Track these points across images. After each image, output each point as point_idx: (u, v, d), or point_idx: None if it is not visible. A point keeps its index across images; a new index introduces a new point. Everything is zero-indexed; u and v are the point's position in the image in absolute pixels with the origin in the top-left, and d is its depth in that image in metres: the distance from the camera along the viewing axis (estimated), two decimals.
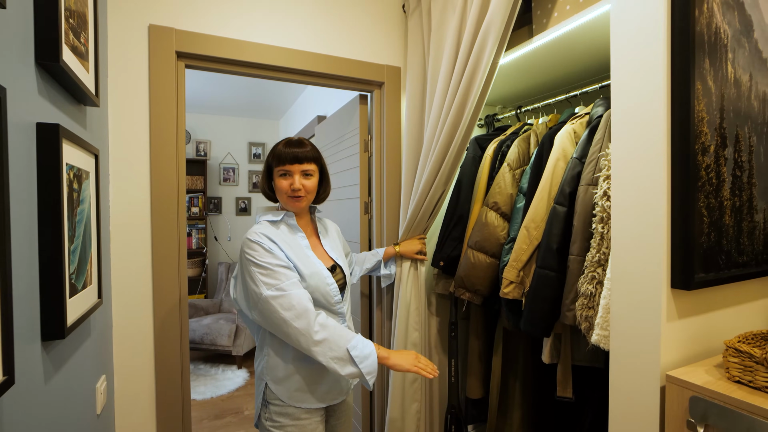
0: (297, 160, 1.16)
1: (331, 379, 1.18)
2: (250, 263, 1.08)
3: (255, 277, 1.07)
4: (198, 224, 4.38)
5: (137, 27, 1.35)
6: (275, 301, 1.04)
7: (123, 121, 1.34)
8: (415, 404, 1.66)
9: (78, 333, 0.94)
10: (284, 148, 1.18)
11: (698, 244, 0.80)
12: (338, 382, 1.20)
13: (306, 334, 1.03)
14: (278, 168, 1.17)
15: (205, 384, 3.19)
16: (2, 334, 0.54)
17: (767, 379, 0.69)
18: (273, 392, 1.14)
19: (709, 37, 0.81)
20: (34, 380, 0.69)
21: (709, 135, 0.81)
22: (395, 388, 1.63)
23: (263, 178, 1.25)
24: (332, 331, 1.06)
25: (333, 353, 1.04)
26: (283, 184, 1.17)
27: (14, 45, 0.64)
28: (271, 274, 1.06)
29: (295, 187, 1.16)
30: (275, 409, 1.14)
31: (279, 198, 1.22)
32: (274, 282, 1.05)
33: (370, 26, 1.76)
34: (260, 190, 1.27)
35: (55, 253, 0.73)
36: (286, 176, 1.18)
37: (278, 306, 1.04)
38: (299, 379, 1.14)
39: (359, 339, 1.09)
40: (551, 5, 1.24)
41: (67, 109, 0.88)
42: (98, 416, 1.11)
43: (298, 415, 1.14)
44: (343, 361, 1.05)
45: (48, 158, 0.72)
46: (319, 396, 1.17)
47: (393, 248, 1.64)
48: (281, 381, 1.14)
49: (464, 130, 1.41)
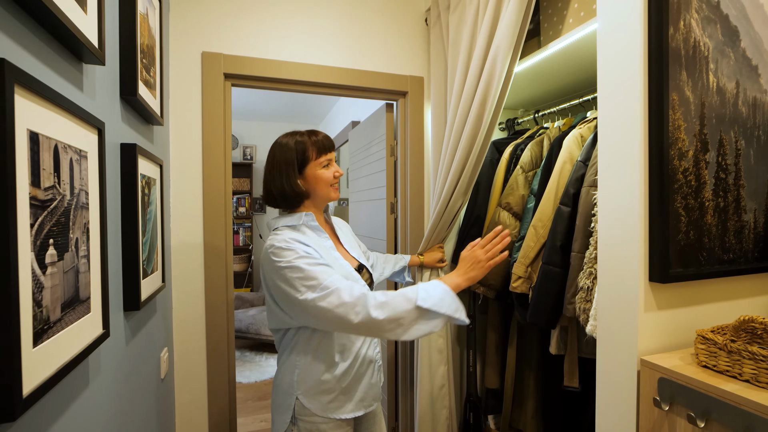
0: (334, 146, 1.14)
1: (365, 385, 1.12)
2: (284, 270, 0.97)
3: (294, 283, 0.96)
4: (245, 223, 4.74)
5: (193, 55, 1.59)
6: (324, 300, 0.94)
7: (181, 135, 1.58)
8: (444, 411, 1.70)
9: (148, 309, 1.17)
10: (320, 138, 1.11)
11: (675, 242, 0.87)
12: (371, 387, 1.14)
13: (370, 323, 0.93)
14: (322, 158, 1.10)
15: (250, 369, 3.49)
16: (102, 303, 0.75)
17: (728, 363, 0.76)
18: (306, 407, 1.05)
19: (687, 51, 0.88)
20: (120, 340, 0.91)
21: (687, 141, 0.88)
22: (423, 397, 1.68)
23: (291, 175, 1.08)
24: (393, 304, 0.94)
25: (408, 322, 0.93)
26: (327, 175, 1.11)
27: (108, 87, 0.85)
28: (311, 274, 0.96)
29: (338, 173, 1.13)
30: (305, 426, 1.05)
31: (319, 191, 1.12)
32: (316, 283, 0.95)
33: (395, 39, 1.90)
34: (278, 192, 1.10)
35: (133, 243, 0.94)
36: (328, 166, 1.12)
37: (328, 305, 0.93)
38: (335, 389, 1.06)
39: (421, 288, 0.97)
40: (557, 18, 1.33)
41: (140, 130, 1.11)
42: (162, 380, 1.34)
43: (330, 429, 1.06)
44: (423, 320, 0.94)
45: (128, 170, 0.94)
46: (354, 404, 1.10)
47: (417, 258, 1.66)
48: (316, 393, 1.05)
49: (479, 148, 1.48)
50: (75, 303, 0.63)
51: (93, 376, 0.75)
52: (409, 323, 0.94)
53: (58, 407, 0.61)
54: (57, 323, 0.57)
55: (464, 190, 1.60)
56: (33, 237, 0.51)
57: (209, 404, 1.63)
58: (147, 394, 1.14)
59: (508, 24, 1.29)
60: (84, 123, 0.68)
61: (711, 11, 0.90)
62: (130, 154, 0.94)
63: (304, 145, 1.10)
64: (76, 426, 0.67)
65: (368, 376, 1.14)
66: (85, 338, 0.67)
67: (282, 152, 1.09)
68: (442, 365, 1.73)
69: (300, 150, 1.10)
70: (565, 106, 1.63)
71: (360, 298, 0.94)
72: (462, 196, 1.62)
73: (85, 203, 0.67)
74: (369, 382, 1.14)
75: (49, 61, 0.60)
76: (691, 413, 0.74)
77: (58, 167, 0.58)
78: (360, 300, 0.94)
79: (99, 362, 0.79)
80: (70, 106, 0.62)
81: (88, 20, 0.69)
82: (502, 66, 1.34)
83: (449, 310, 0.95)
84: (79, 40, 0.64)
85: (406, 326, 0.94)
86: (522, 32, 1.34)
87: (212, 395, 1.64)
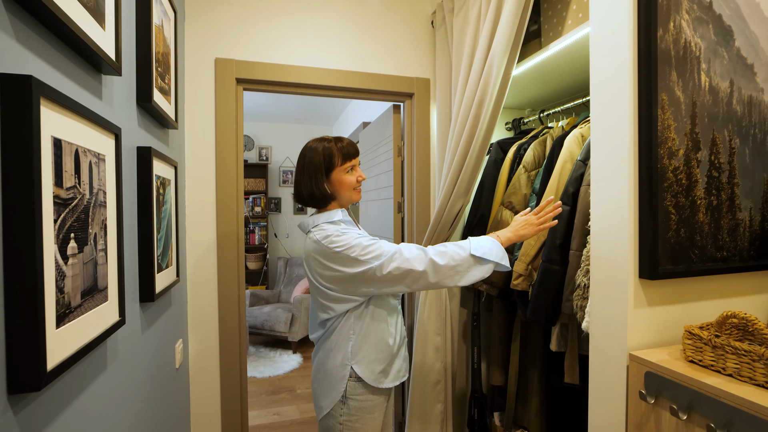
0: (357, 153, 1.23)
1: (402, 358, 1.25)
2: (345, 251, 1.08)
3: (360, 259, 1.08)
4: (260, 222, 4.85)
5: (206, 61, 1.67)
6: (393, 261, 1.07)
7: (195, 138, 1.66)
8: (438, 405, 1.74)
9: (162, 301, 1.24)
10: (345, 145, 1.19)
11: (665, 239, 0.89)
12: (405, 360, 1.27)
13: (433, 269, 1.07)
14: (347, 164, 1.19)
15: (264, 365, 3.58)
16: (118, 293, 0.82)
17: (713, 358, 0.77)
18: (360, 378, 1.15)
19: (677, 52, 0.89)
20: (136, 329, 0.98)
21: (677, 140, 0.90)
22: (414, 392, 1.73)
23: (318, 180, 1.17)
24: (450, 253, 1.09)
25: (465, 268, 1.08)
26: (350, 179, 1.20)
27: (124, 95, 0.93)
28: (372, 247, 1.09)
29: (361, 178, 1.22)
30: (355, 404, 1.16)
31: (343, 194, 1.20)
32: (380, 251, 1.08)
33: (402, 42, 1.95)
34: (307, 193, 1.19)
35: (148, 238, 1.02)
36: (352, 171, 1.20)
37: (397, 263, 1.07)
38: (386, 359, 1.19)
39: (473, 240, 1.12)
40: (557, 20, 1.35)
41: (156, 133, 1.19)
42: (177, 370, 1.42)
43: (378, 401, 1.18)
44: (477, 267, 1.08)
45: (144, 171, 1.01)
46: (394, 375, 1.22)
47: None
48: (370, 362, 1.17)
49: (477, 149, 1.50)
50: (93, 291, 0.70)
51: (111, 360, 0.82)
52: (465, 269, 1.09)
53: (78, 385, 0.68)
54: (77, 308, 0.64)
55: (464, 191, 1.62)
56: (56, 231, 0.57)
57: (222, 395, 1.71)
58: (162, 382, 1.21)
59: (504, 26, 1.32)
60: (102, 129, 0.75)
61: (703, 12, 0.91)
62: (145, 156, 1.01)
63: (331, 151, 1.18)
64: (95, 404, 0.74)
65: (404, 349, 1.29)
66: (103, 324, 0.73)
67: (311, 157, 1.19)
68: (439, 362, 1.76)
69: (327, 155, 1.18)
70: (569, 106, 1.64)
71: (421, 250, 1.11)
72: (462, 197, 1.64)
73: (102, 201, 0.74)
74: (404, 354, 1.28)
75: (70, 74, 0.67)
76: (674, 406, 0.76)
77: (78, 169, 0.65)
78: (421, 252, 1.10)
79: (116, 348, 0.86)
80: (89, 114, 0.68)
81: (106, 36, 0.76)
82: (498, 68, 1.37)
83: (497, 257, 1.10)
84: (97, 54, 0.71)
85: (463, 272, 1.09)
86: (519, 35, 1.36)
87: (225, 386, 1.72)
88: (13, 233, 0.49)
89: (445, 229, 1.72)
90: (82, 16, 0.66)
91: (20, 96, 0.50)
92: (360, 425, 1.17)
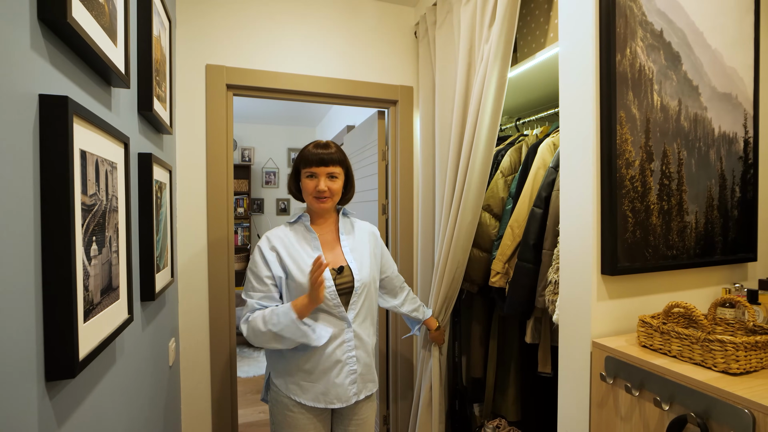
0: (323, 162, 1.23)
1: (329, 382, 1.21)
2: (248, 267, 1.27)
3: (245, 288, 1.27)
4: (243, 223, 4.85)
5: (197, 67, 1.71)
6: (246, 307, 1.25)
7: (186, 142, 1.70)
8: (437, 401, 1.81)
9: (160, 301, 1.29)
10: (312, 150, 1.25)
11: (623, 239, 1.01)
12: (335, 386, 1.21)
13: (244, 333, 1.21)
14: (305, 169, 1.24)
15: (249, 365, 3.60)
16: (127, 291, 0.87)
17: (661, 342, 0.89)
18: (274, 382, 1.27)
19: (633, 74, 1.01)
20: (138, 326, 1.04)
21: (633, 152, 1.02)
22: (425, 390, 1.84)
23: (291, 178, 1.32)
24: (252, 324, 1.19)
25: (266, 341, 1.18)
26: (309, 185, 1.25)
27: (128, 104, 0.98)
28: (250, 284, 1.24)
29: (320, 188, 1.23)
30: (273, 396, 1.28)
31: (305, 198, 1.29)
32: (251, 292, 1.24)
33: (387, 51, 2.03)
34: (287, 190, 1.38)
35: (150, 240, 1.07)
36: (312, 177, 1.24)
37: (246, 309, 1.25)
38: (296, 374, 1.22)
39: (274, 313, 1.17)
40: (530, 38, 1.46)
41: (154, 139, 1.24)
42: (170, 367, 1.47)
43: (290, 406, 1.22)
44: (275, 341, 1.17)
45: (145, 176, 1.06)
46: (314, 396, 1.21)
47: (434, 321, 1.66)
48: (280, 373, 1.25)
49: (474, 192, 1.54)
50: (109, 290, 0.76)
51: (119, 355, 0.88)
52: (267, 341, 1.18)
53: (96, 376, 0.74)
54: (98, 305, 0.69)
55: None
56: (83, 235, 0.63)
57: (212, 392, 1.76)
58: (158, 379, 1.26)
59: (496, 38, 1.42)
60: (114, 139, 0.80)
61: (654, 39, 1.04)
62: (146, 162, 1.06)
63: (302, 154, 1.28)
64: (109, 395, 0.80)
65: (333, 375, 1.21)
66: (116, 320, 0.79)
67: (296, 156, 1.31)
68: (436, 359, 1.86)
69: (299, 157, 1.29)
70: (543, 115, 1.76)
71: (245, 315, 1.22)
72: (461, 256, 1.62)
73: (115, 206, 0.80)
74: (333, 380, 1.21)
75: (87, 88, 0.73)
76: (628, 384, 0.87)
77: (98, 177, 0.71)
78: (244, 317, 1.23)
79: (123, 343, 0.91)
80: (105, 126, 0.74)
81: (117, 51, 0.81)
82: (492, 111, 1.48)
83: (294, 336, 1.15)
84: (111, 69, 0.76)
85: (264, 343, 1.18)
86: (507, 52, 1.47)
87: (215, 384, 1.76)
88: (52, 237, 0.55)
89: (455, 291, 1.71)
90: (102, 37, 0.72)
91: (58, 115, 0.56)
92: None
